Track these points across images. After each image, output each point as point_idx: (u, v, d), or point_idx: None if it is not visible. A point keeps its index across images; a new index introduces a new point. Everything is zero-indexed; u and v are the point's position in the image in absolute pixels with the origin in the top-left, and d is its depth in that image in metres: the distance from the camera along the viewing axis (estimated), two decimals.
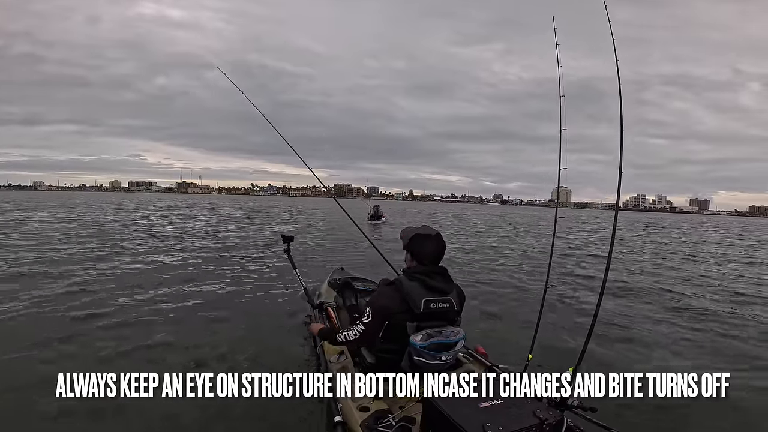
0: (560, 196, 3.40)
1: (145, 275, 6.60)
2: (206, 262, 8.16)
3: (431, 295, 2.04)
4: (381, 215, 21.85)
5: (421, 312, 2.01)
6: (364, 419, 1.94)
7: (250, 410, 2.57)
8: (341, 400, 2.17)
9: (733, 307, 5.80)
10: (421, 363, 2.11)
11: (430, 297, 2.03)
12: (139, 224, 16.75)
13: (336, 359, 2.61)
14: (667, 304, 5.84)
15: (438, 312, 2.06)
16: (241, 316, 4.49)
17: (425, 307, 2.02)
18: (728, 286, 7.49)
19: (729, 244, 18.92)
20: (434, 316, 2.06)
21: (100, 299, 5.02)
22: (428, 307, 2.02)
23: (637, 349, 3.93)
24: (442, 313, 2.07)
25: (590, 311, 1.95)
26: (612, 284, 6.57)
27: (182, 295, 5.41)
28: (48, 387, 2.39)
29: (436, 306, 2.04)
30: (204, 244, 11.29)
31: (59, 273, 6.43)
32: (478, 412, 1.64)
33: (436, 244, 2.16)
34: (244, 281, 6.38)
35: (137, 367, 2.89)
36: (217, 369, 3.05)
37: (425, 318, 2.05)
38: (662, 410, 2.63)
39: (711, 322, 4.95)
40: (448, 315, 2.09)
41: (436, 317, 2.06)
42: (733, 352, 3.98)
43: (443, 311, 2.07)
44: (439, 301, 2.05)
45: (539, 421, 1.61)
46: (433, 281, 2.07)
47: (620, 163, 2.01)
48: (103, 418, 2.48)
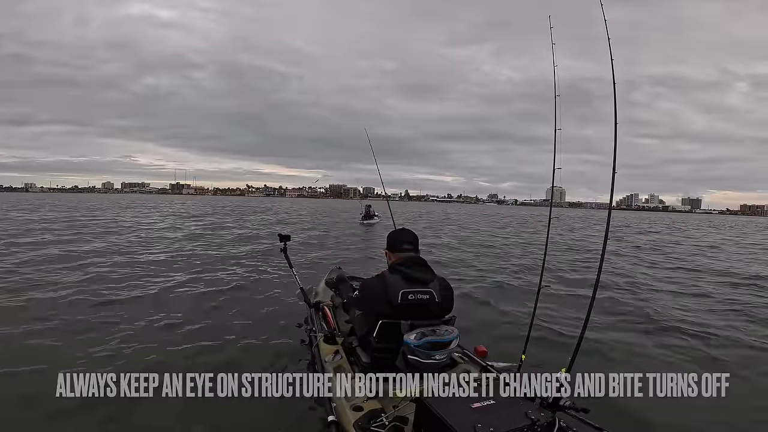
0: (555, 196, 3.40)
1: (144, 275, 6.57)
2: (207, 262, 8.15)
3: (410, 287, 2.09)
4: (373, 215, 21.90)
5: (399, 303, 2.06)
6: (357, 419, 1.95)
7: (244, 410, 2.56)
8: (335, 400, 2.18)
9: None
10: (415, 362, 2.12)
11: (409, 288, 2.09)
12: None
13: (331, 359, 2.61)
14: (665, 305, 5.84)
15: (416, 303, 2.09)
16: (238, 316, 4.48)
17: (402, 299, 2.07)
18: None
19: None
20: (413, 308, 2.09)
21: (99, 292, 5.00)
22: (405, 298, 2.08)
23: (630, 350, 3.94)
24: (422, 305, 2.10)
25: (583, 311, 1.95)
26: (607, 287, 6.58)
27: (182, 295, 5.40)
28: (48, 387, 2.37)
29: (414, 297, 2.09)
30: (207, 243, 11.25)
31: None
32: (470, 412, 1.65)
33: (408, 233, 2.34)
34: (241, 280, 6.36)
35: (136, 368, 2.89)
36: (213, 366, 3.05)
37: (404, 309, 2.08)
38: (655, 411, 2.65)
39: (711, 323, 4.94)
40: (429, 307, 2.12)
41: (414, 308, 2.09)
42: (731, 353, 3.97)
43: (422, 303, 2.11)
44: (418, 293, 2.10)
45: (531, 421, 1.62)
46: (413, 272, 2.13)
47: (614, 163, 2.02)
48: (104, 418, 2.47)
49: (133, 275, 6.40)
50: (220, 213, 26.70)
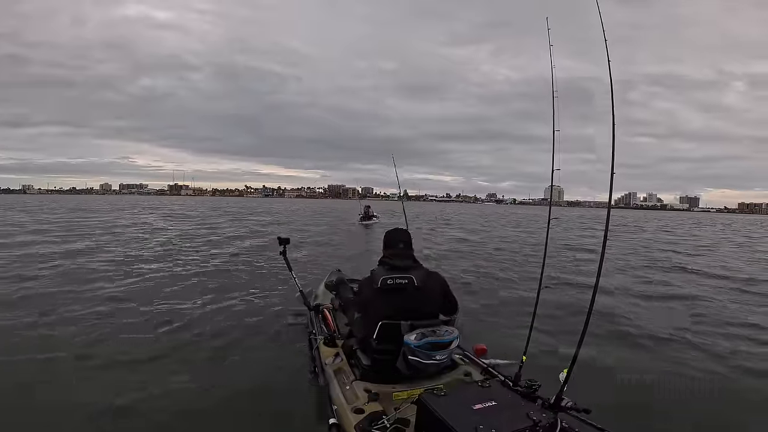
0: (553, 195, 3.40)
1: (144, 280, 6.55)
2: (207, 262, 8.12)
3: (391, 274, 2.32)
4: (372, 215, 21.88)
5: (378, 287, 2.28)
6: (358, 421, 1.94)
7: (244, 414, 2.56)
8: (336, 403, 2.17)
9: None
10: (416, 363, 2.13)
11: (389, 275, 2.31)
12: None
13: (331, 361, 2.61)
14: (666, 304, 5.82)
15: (395, 288, 2.29)
16: (236, 320, 4.44)
17: (382, 284, 2.29)
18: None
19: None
20: (392, 292, 2.28)
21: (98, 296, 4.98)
22: (385, 283, 2.29)
23: (632, 350, 3.92)
24: (400, 289, 2.29)
25: (584, 311, 1.95)
26: (606, 287, 6.56)
27: (183, 296, 5.37)
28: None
29: (393, 282, 2.29)
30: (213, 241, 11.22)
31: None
32: (471, 413, 1.65)
33: (402, 233, 2.52)
34: (241, 283, 6.34)
35: (135, 374, 2.88)
36: (215, 370, 3.05)
37: (384, 294, 2.27)
38: (658, 411, 2.64)
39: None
40: (408, 291, 2.29)
41: (393, 293, 2.28)
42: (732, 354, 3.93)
43: (400, 287, 2.29)
44: (397, 278, 2.30)
45: (533, 422, 1.62)
46: (395, 262, 2.36)
47: (612, 162, 2.01)
48: (104, 418, 2.46)
49: (134, 274, 6.39)
50: (217, 215, 26.64)
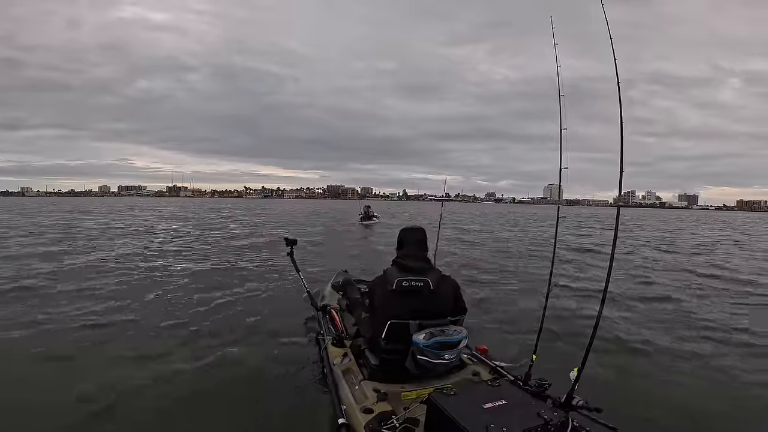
0: (555, 194, 3.38)
1: (145, 280, 6.54)
2: (207, 262, 8.11)
3: (405, 275, 2.26)
4: (372, 215, 21.84)
5: (393, 289, 2.22)
6: (367, 421, 1.93)
7: (254, 414, 2.55)
8: (345, 403, 2.16)
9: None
10: (425, 362, 2.12)
11: (404, 276, 2.25)
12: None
13: (340, 361, 2.60)
14: (674, 307, 5.66)
15: (411, 290, 2.24)
16: (243, 320, 4.42)
17: (397, 285, 2.23)
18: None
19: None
20: (408, 294, 2.23)
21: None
22: (400, 285, 2.23)
23: (643, 348, 3.85)
24: (416, 291, 2.24)
25: (594, 312, 1.94)
26: (615, 286, 6.52)
27: (183, 298, 5.35)
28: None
29: (409, 284, 2.24)
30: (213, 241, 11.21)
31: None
32: (481, 412, 1.64)
33: (418, 231, 2.48)
34: (248, 284, 6.31)
35: (139, 374, 2.87)
36: (224, 371, 3.04)
37: (400, 297, 2.22)
38: (669, 410, 2.63)
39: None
40: (423, 293, 2.25)
41: (409, 295, 2.23)
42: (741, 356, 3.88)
43: (416, 289, 2.24)
44: (412, 280, 2.25)
45: (544, 421, 1.61)
46: (409, 263, 2.31)
47: (621, 161, 2.01)
48: (106, 418, 2.46)
49: (141, 276, 6.38)
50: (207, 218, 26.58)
